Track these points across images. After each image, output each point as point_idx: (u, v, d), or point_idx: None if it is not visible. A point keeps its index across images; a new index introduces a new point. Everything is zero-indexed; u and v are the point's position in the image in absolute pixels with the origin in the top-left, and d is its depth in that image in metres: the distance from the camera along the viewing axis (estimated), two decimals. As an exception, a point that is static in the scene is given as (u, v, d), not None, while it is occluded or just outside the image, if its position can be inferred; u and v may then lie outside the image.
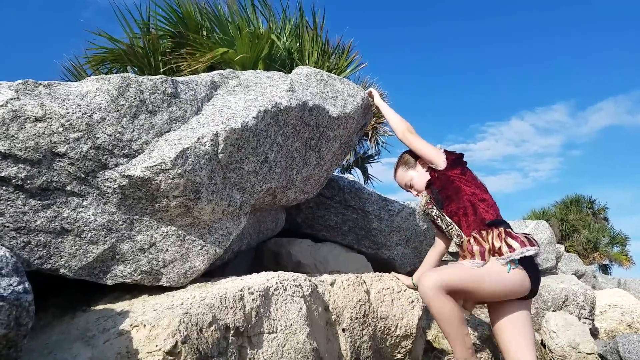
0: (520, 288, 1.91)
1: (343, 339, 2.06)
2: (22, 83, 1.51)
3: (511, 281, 1.88)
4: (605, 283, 8.74)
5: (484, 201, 2.05)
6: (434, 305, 1.90)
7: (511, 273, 1.87)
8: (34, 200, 1.48)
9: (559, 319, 3.70)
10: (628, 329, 5.02)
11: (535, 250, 1.88)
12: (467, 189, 2.08)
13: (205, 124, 1.79)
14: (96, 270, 1.65)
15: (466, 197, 2.07)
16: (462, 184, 2.10)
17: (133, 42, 3.57)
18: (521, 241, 1.89)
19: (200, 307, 1.47)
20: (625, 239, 15.45)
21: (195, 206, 1.72)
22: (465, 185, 2.09)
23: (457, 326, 1.90)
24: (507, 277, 1.87)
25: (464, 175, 2.13)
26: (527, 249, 1.86)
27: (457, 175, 2.12)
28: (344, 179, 3.34)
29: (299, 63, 3.64)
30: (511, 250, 1.87)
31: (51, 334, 1.49)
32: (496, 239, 1.92)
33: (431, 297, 1.90)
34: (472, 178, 2.13)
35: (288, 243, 2.92)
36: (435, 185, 2.19)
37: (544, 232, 5.38)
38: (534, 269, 1.93)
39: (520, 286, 1.90)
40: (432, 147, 2.23)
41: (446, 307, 1.88)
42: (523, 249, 1.86)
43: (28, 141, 1.43)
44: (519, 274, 1.87)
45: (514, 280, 1.87)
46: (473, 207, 2.04)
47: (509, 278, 1.87)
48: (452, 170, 2.14)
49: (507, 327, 1.94)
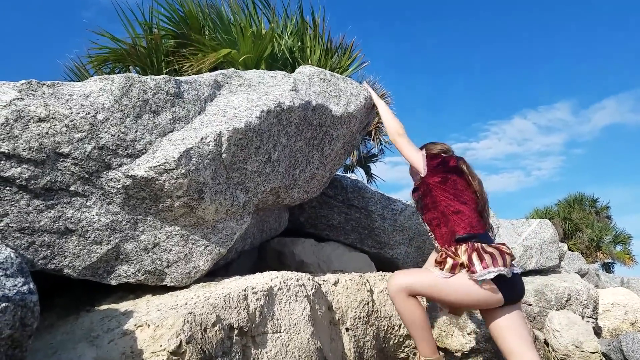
0: (489, 300, 1.90)
1: (347, 338, 2.06)
2: (26, 83, 1.51)
3: (476, 295, 1.88)
4: (608, 282, 8.72)
5: (458, 213, 2.02)
6: (396, 305, 2.01)
7: (477, 288, 1.87)
8: (37, 200, 1.49)
9: (562, 318, 3.69)
10: (631, 328, 5.01)
11: (497, 272, 1.85)
12: (442, 200, 2.06)
13: (208, 124, 1.79)
14: (100, 270, 1.65)
15: (440, 209, 2.06)
16: (439, 193, 2.08)
17: (136, 42, 3.57)
18: (485, 263, 1.86)
19: (204, 307, 1.47)
20: (628, 237, 15.39)
21: (199, 206, 1.72)
22: (442, 196, 2.07)
23: (419, 327, 1.97)
24: (473, 292, 1.88)
25: (443, 184, 2.09)
26: (488, 271, 1.85)
27: (435, 183, 2.10)
28: (347, 178, 3.33)
29: (301, 62, 3.64)
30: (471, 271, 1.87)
31: (56, 334, 1.49)
32: (464, 255, 1.91)
33: (393, 297, 2.00)
34: (452, 187, 2.08)
35: (291, 242, 2.92)
36: (419, 191, 2.20)
37: (547, 231, 5.37)
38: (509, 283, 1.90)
39: (488, 299, 1.90)
40: (415, 153, 2.22)
41: (407, 308, 1.97)
42: (485, 272, 1.85)
43: (32, 141, 1.43)
44: (486, 288, 1.87)
45: (479, 295, 1.88)
46: (445, 219, 2.03)
47: (475, 292, 1.88)
48: (431, 178, 2.12)
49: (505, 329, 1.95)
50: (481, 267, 1.86)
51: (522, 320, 1.97)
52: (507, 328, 1.94)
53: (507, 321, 1.94)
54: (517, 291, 1.97)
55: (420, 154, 2.21)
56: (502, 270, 1.85)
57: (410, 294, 1.98)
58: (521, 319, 1.97)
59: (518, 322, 1.95)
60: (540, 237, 5.25)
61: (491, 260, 1.87)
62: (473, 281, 1.87)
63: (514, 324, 1.94)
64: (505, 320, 1.95)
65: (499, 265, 1.86)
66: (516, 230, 5.40)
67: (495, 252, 1.90)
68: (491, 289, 1.87)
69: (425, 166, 2.15)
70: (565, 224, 14.95)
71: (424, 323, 2.01)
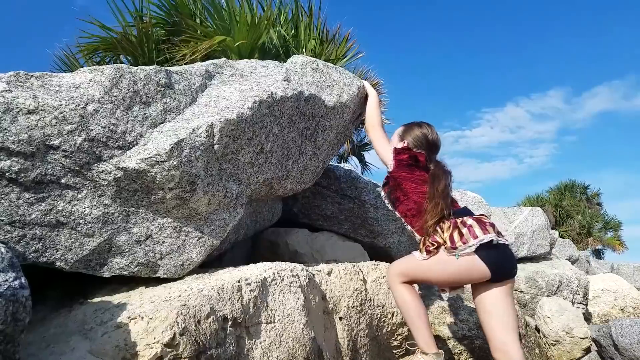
0: (473, 274, 1.91)
1: (340, 327, 2.08)
2: (14, 75, 1.49)
3: (458, 269, 1.91)
4: (598, 268, 8.85)
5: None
6: (393, 293, 2.12)
7: (458, 261, 1.90)
8: (28, 193, 1.47)
9: (553, 305, 3.74)
10: (621, 313, 5.10)
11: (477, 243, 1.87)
12: (413, 190, 2.09)
13: (200, 115, 1.77)
14: (92, 263, 1.65)
15: (413, 198, 2.09)
16: (408, 185, 2.11)
17: (126, 30, 3.51)
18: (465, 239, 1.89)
19: (197, 298, 1.47)
20: (619, 224, 15.60)
21: (192, 198, 1.72)
22: (411, 186, 2.10)
23: (415, 315, 2.02)
24: (454, 266, 1.92)
25: (411, 174, 2.12)
26: (468, 245, 1.88)
27: (403, 176, 2.13)
28: (340, 168, 3.34)
29: (295, 51, 3.60)
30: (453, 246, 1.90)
31: (49, 327, 1.49)
32: (446, 232, 1.95)
33: (390, 285, 2.13)
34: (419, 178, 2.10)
35: (285, 233, 2.93)
36: (389, 185, 2.23)
37: (539, 219, 5.42)
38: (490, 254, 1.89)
39: (471, 271, 1.91)
40: (385, 147, 2.24)
41: (404, 296, 2.04)
42: (464, 246, 1.89)
43: (21, 134, 1.41)
44: (466, 260, 1.89)
45: (460, 268, 1.91)
46: (420, 208, 2.06)
47: (456, 266, 1.91)
48: (399, 172, 2.15)
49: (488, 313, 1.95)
50: (461, 242, 1.90)
51: (510, 307, 1.95)
52: (491, 314, 1.94)
53: (493, 307, 1.94)
54: (506, 265, 1.95)
55: (389, 149, 2.23)
56: (482, 240, 1.88)
57: (405, 281, 2.06)
58: (508, 305, 1.95)
59: (504, 309, 1.93)
60: (532, 225, 5.31)
61: (469, 233, 1.91)
62: (452, 257, 1.91)
63: (499, 310, 1.93)
64: (491, 305, 1.94)
65: (478, 237, 1.89)
66: (508, 218, 5.45)
67: (474, 223, 1.94)
68: (472, 261, 1.88)
69: (392, 161, 2.19)
70: (557, 211, 15.11)
71: (418, 311, 2.03)
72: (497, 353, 1.89)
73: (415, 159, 2.17)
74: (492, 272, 1.89)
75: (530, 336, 3.46)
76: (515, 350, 1.86)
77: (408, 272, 2.05)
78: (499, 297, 1.94)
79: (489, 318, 1.94)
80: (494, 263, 1.89)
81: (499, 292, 1.94)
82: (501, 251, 1.94)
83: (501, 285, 1.94)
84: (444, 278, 1.99)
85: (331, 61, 3.59)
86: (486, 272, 1.89)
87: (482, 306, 1.98)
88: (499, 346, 1.88)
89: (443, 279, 2.00)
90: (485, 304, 1.96)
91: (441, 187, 2.05)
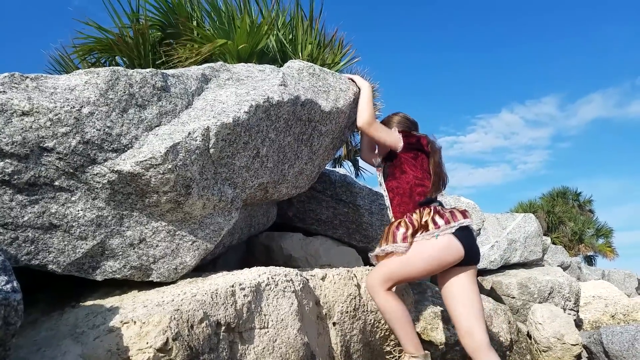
0: (452, 252, 1.99)
1: (334, 332, 2.08)
2: (9, 76, 1.48)
3: (438, 249, 1.99)
4: (590, 274, 8.91)
5: (421, 186, 2.19)
6: (376, 302, 2.08)
7: (437, 241, 1.99)
8: (21, 195, 1.46)
9: (545, 311, 3.76)
10: (611, 320, 5.13)
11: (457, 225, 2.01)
12: (411, 172, 2.22)
13: (196, 119, 1.77)
14: (85, 266, 1.63)
15: (407, 180, 2.21)
16: (409, 167, 2.24)
17: (122, 32, 3.49)
18: (447, 219, 2.03)
19: (191, 303, 1.46)
20: (610, 231, 15.70)
21: (186, 201, 1.71)
22: (410, 169, 2.23)
23: (400, 322, 2.04)
24: (433, 248, 1.99)
25: (414, 159, 2.26)
26: (450, 225, 2.01)
27: (407, 158, 2.26)
28: (336, 173, 3.34)
29: (292, 56, 3.60)
30: (436, 226, 2.02)
31: (40, 330, 1.48)
32: (425, 216, 2.07)
33: (373, 295, 2.09)
34: (420, 164, 2.25)
35: (279, 237, 2.92)
36: (389, 160, 2.34)
37: (531, 225, 5.46)
38: (466, 235, 2.03)
39: (449, 250, 1.99)
40: (391, 133, 2.33)
41: (390, 302, 2.04)
42: (447, 226, 2.01)
43: (15, 136, 1.40)
44: (444, 240, 1.99)
45: (440, 246, 1.99)
46: (410, 190, 2.19)
47: (435, 247, 1.99)
48: (405, 153, 2.27)
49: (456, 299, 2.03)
50: (443, 222, 2.02)
51: (476, 293, 2.05)
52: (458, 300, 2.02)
53: (460, 293, 2.02)
54: (475, 248, 2.09)
55: (396, 133, 2.33)
56: (463, 223, 2.03)
57: (389, 286, 2.06)
58: (474, 292, 2.05)
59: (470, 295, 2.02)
60: (525, 231, 5.34)
61: (452, 216, 2.05)
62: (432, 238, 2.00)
63: (465, 295, 2.02)
64: (458, 291, 2.03)
65: (459, 219, 2.04)
66: (501, 224, 5.48)
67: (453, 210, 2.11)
68: (449, 240, 1.99)
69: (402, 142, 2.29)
70: (549, 217, 15.19)
71: (406, 318, 2.06)
72: (464, 338, 1.96)
73: (418, 142, 2.31)
74: (465, 253, 2.00)
75: (521, 342, 3.47)
76: (481, 335, 1.94)
77: (390, 276, 2.05)
78: (466, 283, 2.03)
79: (456, 304, 2.02)
80: (468, 244, 2.02)
81: (465, 277, 2.04)
82: (473, 236, 2.11)
83: (467, 271, 2.05)
84: (425, 265, 2.02)
85: (327, 66, 3.59)
86: (461, 252, 1.99)
87: (450, 292, 2.06)
88: (466, 330, 1.96)
89: (424, 266, 2.03)
90: (453, 290, 2.05)
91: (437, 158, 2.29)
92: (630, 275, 8.94)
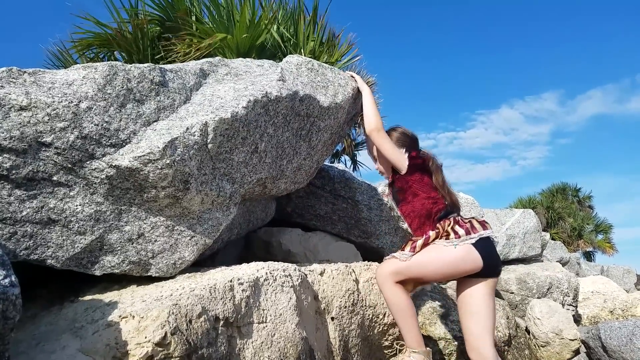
0: (468, 262, 1.99)
1: (332, 327, 2.09)
2: (6, 71, 1.48)
3: (454, 258, 2.00)
4: (588, 270, 8.94)
5: (437, 205, 2.17)
6: (384, 292, 2.11)
7: (455, 250, 2.00)
8: (19, 190, 1.46)
9: (544, 306, 3.78)
10: (610, 315, 5.15)
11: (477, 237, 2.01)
12: (422, 194, 2.19)
13: (194, 114, 1.77)
14: (84, 261, 1.64)
15: (421, 203, 2.18)
16: (419, 189, 2.20)
17: (121, 26, 3.49)
18: (467, 229, 2.03)
19: (189, 298, 1.47)
20: (609, 227, 15.71)
21: (185, 197, 1.71)
22: (421, 191, 2.20)
23: (405, 315, 2.06)
24: (450, 255, 2.00)
25: (422, 180, 2.22)
26: (470, 236, 2.01)
27: (415, 180, 2.22)
28: (334, 168, 3.34)
29: (293, 51, 3.59)
30: (457, 236, 2.02)
31: (39, 325, 1.48)
32: (447, 227, 2.08)
33: (381, 285, 2.11)
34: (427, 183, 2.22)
35: (278, 232, 2.92)
36: (395, 185, 2.30)
37: (530, 221, 5.46)
38: (486, 247, 2.02)
39: (466, 261, 1.99)
40: (397, 151, 2.26)
41: (394, 295, 2.06)
42: (467, 237, 2.01)
43: (13, 130, 1.40)
44: (463, 249, 2.00)
45: (457, 256, 1.99)
46: (428, 212, 2.16)
47: (452, 254, 2.00)
48: (411, 176, 2.22)
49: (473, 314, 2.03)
50: (463, 231, 2.02)
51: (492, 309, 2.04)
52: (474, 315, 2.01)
53: (479, 307, 2.02)
54: (496, 261, 2.08)
55: (402, 153, 2.27)
56: (483, 234, 2.02)
57: (398, 280, 2.07)
58: (491, 307, 2.04)
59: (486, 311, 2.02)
60: (524, 227, 5.35)
61: (471, 227, 2.05)
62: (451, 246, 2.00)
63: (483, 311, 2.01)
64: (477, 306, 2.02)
65: (478, 231, 2.03)
66: (500, 220, 5.49)
67: (473, 220, 2.11)
68: (468, 250, 1.99)
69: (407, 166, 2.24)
70: (548, 213, 15.20)
71: (411, 311, 2.08)
72: (471, 353, 2.00)
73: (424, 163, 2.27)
74: (484, 264, 1.99)
75: (520, 337, 3.48)
76: (488, 351, 1.96)
77: (402, 270, 2.06)
78: (482, 296, 2.03)
79: (470, 317, 2.03)
80: (488, 256, 2.01)
81: (482, 289, 2.03)
82: (494, 248, 2.09)
83: (487, 285, 2.03)
84: (439, 269, 2.03)
85: (330, 63, 3.59)
86: (479, 263, 1.98)
87: (465, 303, 2.06)
88: (473, 345, 1.99)
89: (438, 270, 2.04)
90: (468, 302, 2.04)
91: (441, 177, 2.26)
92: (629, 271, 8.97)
